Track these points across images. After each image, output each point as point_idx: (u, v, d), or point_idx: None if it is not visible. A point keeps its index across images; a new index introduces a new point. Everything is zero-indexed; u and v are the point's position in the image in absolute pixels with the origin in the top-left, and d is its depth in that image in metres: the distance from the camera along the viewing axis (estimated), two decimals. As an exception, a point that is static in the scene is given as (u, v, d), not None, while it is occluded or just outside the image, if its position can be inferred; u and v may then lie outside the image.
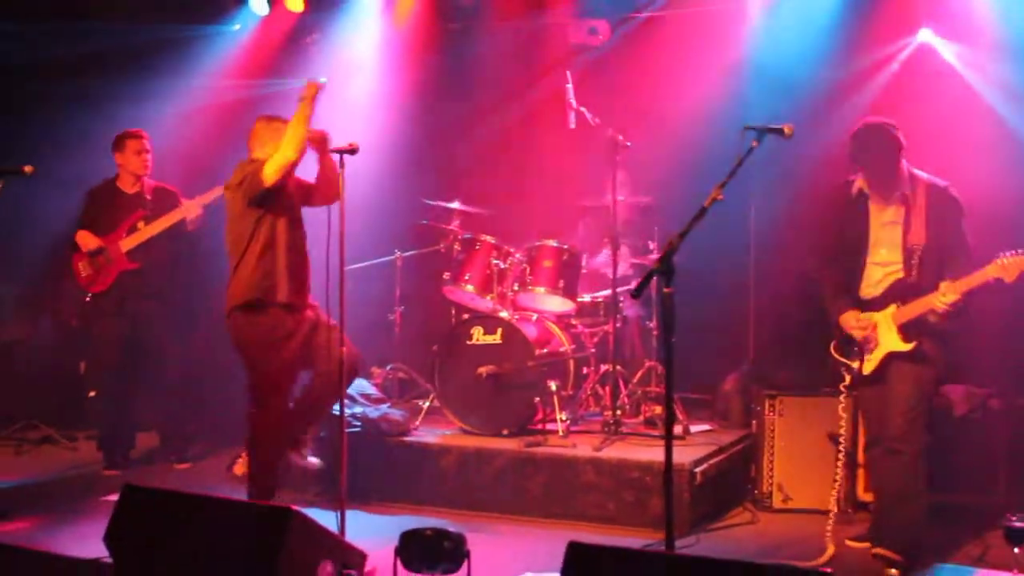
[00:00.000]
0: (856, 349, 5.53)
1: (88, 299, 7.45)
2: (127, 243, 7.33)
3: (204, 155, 7.51)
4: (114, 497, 4.67)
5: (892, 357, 5.41)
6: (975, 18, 7.20)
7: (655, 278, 4.47)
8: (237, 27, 8.96)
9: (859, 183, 5.57)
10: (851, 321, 5.53)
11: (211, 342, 8.10)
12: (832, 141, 6.36)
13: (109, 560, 4.61)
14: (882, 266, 5.51)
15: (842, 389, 5.62)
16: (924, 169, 5.54)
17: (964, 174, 5.84)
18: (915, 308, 5.32)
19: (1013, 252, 5.05)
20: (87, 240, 7.36)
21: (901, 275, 5.43)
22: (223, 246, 6.09)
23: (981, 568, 4.78)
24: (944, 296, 5.21)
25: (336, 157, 5.66)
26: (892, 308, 5.41)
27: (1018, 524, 4.15)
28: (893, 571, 5.20)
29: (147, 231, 7.33)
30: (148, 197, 7.44)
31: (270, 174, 5.86)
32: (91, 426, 7.94)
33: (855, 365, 5.53)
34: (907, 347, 5.36)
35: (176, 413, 7.72)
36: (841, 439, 5.90)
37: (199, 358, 7.96)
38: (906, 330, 5.36)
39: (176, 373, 7.58)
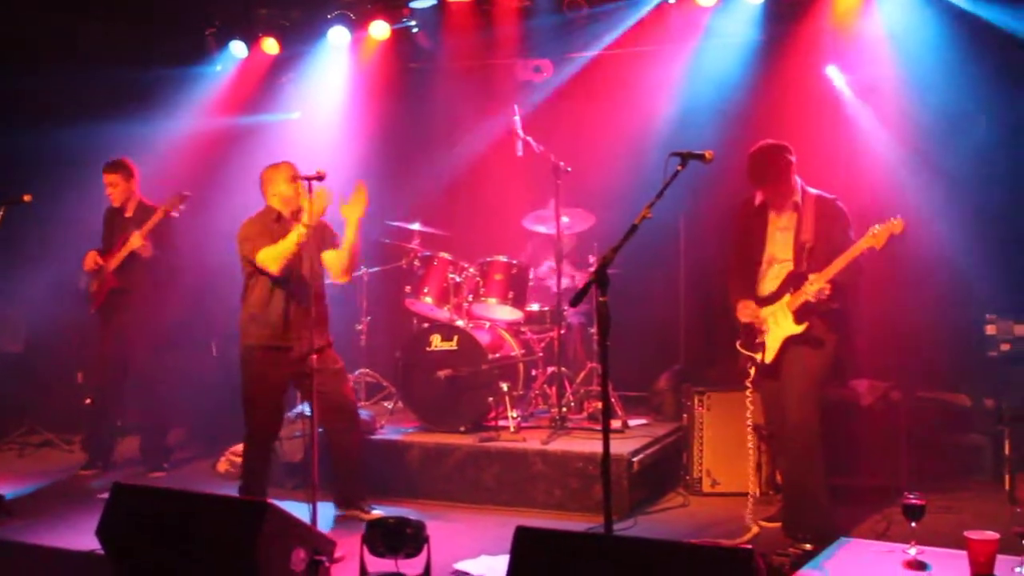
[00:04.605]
0: (758, 342, 5.56)
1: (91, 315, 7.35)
2: (112, 263, 7.19)
3: (189, 185, 7.39)
4: (106, 495, 4.59)
5: (789, 342, 5.45)
6: (874, 55, 7.27)
7: (593, 288, 4.47)
8: (219, 68, 8.88)
9: (760, 196, 5.65)
10: (743, 309, 5.60)
11: (194, 357, 8.06)
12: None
13: (101, 552, 4.54)
14: (778, 263, 5.57)
15: (747, 384, 5.64)
16: (819, 184, 5.65)
17: (859, 187, 5.95)
18: (802, 295, 5.39)
19: (880, 223, 5.16)
20: (87, 260, 7.26)
21: (793, 268, 5.50)
22: (208, 266, 5.97)
23: (883, 541, 4.80)
24: (812, 286, 5.32)
25: (305, 184, 5.56)
26: (787, 297, 5.47)
27: (915, 501, 4.17)
28: (807, 546, 5.20)
29: (122, 252, 7.15)
30: (136, 217, 7.25)
31: (265, 265, 5.73)
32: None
33: (758, 357, 5.56)
34: (800, 328, 5.40)
35: (155, 426, 7.50)
36: (762, 429, 5.93)
37: (184, 372, 7.82)
38: (798, 314, 5.42)
39: (157, 387, 7.39)
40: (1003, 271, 6.71)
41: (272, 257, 5.71)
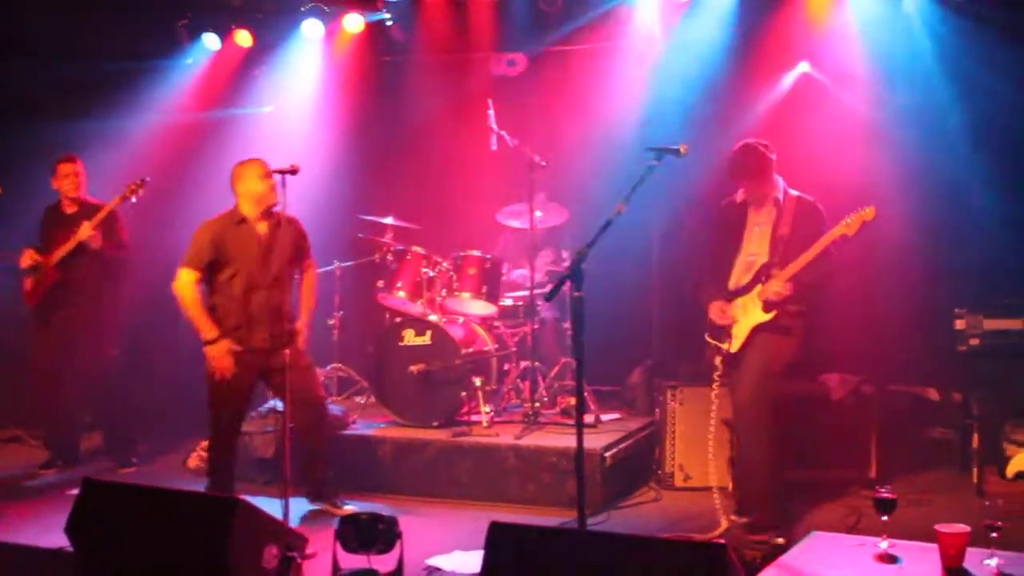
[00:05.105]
0: (726, 332, 5.60)
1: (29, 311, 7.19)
2: (56, 256, 7.01)
3: (159, 181, 7.31)
4: (75, 491, 4.53)
5: (756, 331, 5.48)
6: (846, 52, 7.30)
7: (567, 283, 4.46)
8: (190, 61, 8.80)
9: (741, 194, 5.68)
10: (715, 310, 5.63)
11: (156, 349, 7.97)
12: (724, 159, 6.41)
13: (70, 549, 4.48)
14: (753, 256, 5.60)
15: (715, 377, 5.65)
16: (790, 179, 5.69)
17: (831, 181, 5.98)
18: (773, 282, 5.41)
19: (851, 212, 5.21)
20: (24, 258, 7.09)
21: (767, 260, 5.52)
22: (159, 256, 5.91)
23: (854, 534, 4.82)
24: (771, 285, 5.35)
25: (278, 177, 5.52)
26: (758, 287, 5.50)
27: (886, 495, 4.18)
28: (780, 540, 5.22)
29: (65, 248, 6.97)
30: (80, 213, 7.08)
31: (177, 282, 5.73)
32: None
33: (725, 346, 5.59)
34: (768, 316, 5.43)
35: (118, 419, 7.39)
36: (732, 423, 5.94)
37: (144, 364, 7.74)
38: (768, 303, 5.44)
39: (114, 380, 7.28)
40: (973, 265, 6.76)
41: (184, 283, 5.69)
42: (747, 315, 5.52)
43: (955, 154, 6.90)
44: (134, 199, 6.97)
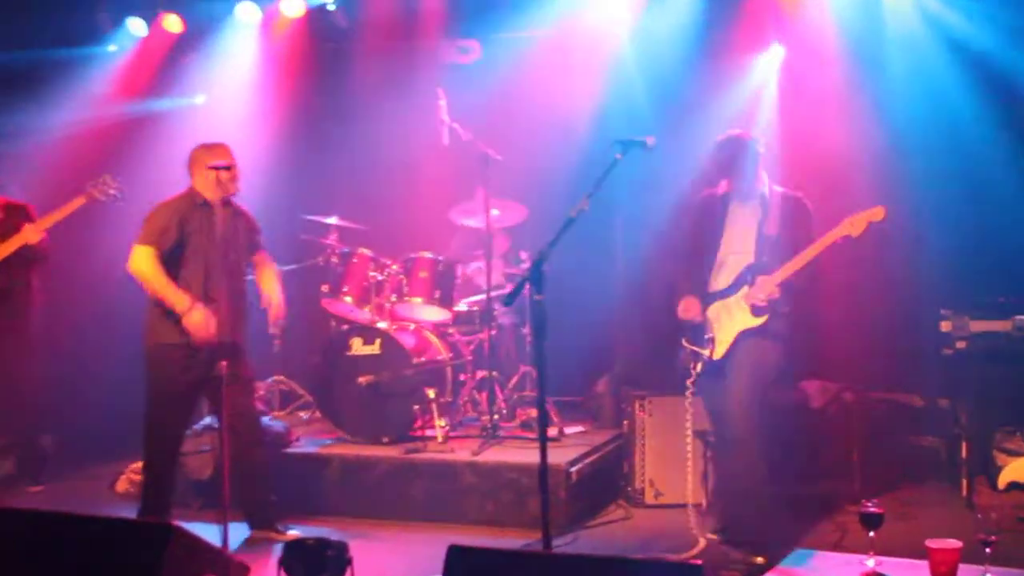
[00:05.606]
0: (708, 337, 5.53)
1: None
2: None
3: (82, 177, 7.19)
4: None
5: (743, 336, 5.44)
6: (820, 32, 7.35)
7: (527, 286, 4.43)
8: (113, 48, 8.68)
9: (723, 187, 5.65)
10: (685, 306, 5.57)
11: (74, 358, 7.85)
12: (694, 152, 6.42)
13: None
14: (735, 256, 5.56)
15: (688, 385, 5.60)
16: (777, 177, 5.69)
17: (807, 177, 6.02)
18: (763, 286, 5.40)
19: (858, 211, 5.23)
20: None
21: (752, 260, 5.50)
22: (83, 263, 5.83)
23: (838, 552, 4.84)
24: (761, 290, 5.34)
25: (213, 173, 5.49)
26: (744, 290, 5.47)
27: (872, 509, 4.19)
28: (759, 559, 5.22)
29: (8, 247, 6.85)
30: (14, 217, 6.99)
31: (132, 258, 5.68)
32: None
33: (706, 352, 5.54)
34: (758, 321, 5.40)
35: (28, 432, 7.28)
36: (708, 436, 5.94)
37: (59, 374, 7.62)
38: (756, 307, 5.42)
39: (29, 391, 7.18)
40: (958, 264, 6.82)
41: (142, 261, 5.64)
42: (732, 319, 5.47)
43: (938, 147, 6.97)
44: (103, 198, 6.81)
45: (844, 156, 7.08)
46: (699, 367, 5.56)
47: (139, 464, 6.40)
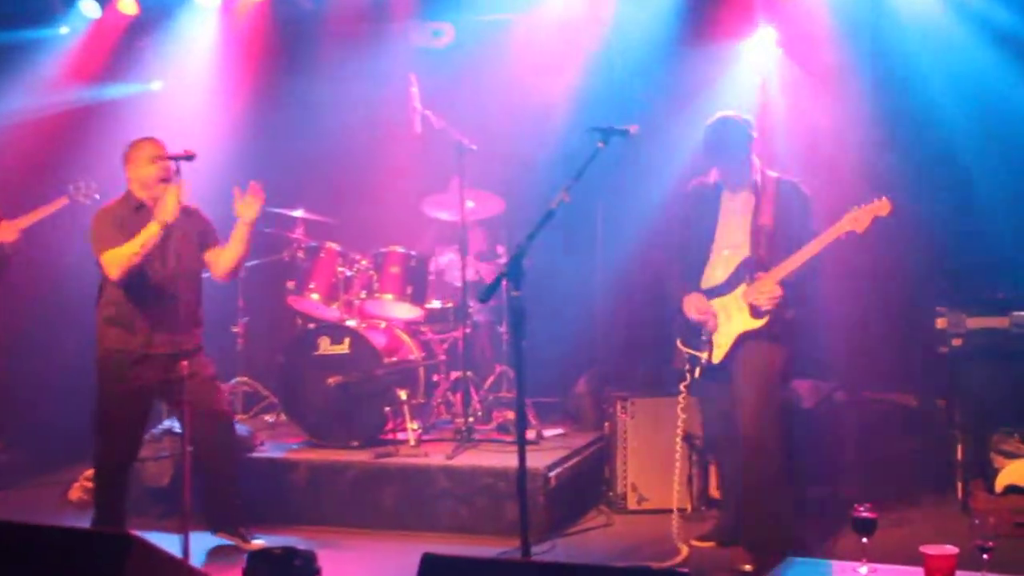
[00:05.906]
0: (705, 339, 5.50)
1: None
2: None
3: (33, 173, 7.16)
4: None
5: (743, 339, 5.39)
6: (807, 15, 7.38)
7: (503, 282, 4.44)
8: (65, 30, 8.62)
9: (714, 174, 5.62)
10: (691, 304, 5.49)
11: (26, 364, 7.82)
12: (676, 140, 6.45)
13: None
14: (730, 249, 5.51)
15: (682, 388, 5.59)
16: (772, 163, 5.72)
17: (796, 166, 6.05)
18: (753, 293, 5.36)
19: (860, 205, 5.20)
20: None
21: (748, 254, 5.45)
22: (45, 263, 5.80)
23: (832, 560, 4.87)
24: (761, 293, 5.31)
25: (173, 164, 5.45)
26: (742, 288, 5.42)
27: (866, 515, 4.22)
28: (747, 567, 5.25)
29: None
30: None
31: (107, 268, 5.61)
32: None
33: (703, 356, 5.51)
34: (759, 323, 5.35)
35: None
36: (695, 439, 5.97)
37: (25, 382, 7.60)
38: (755, 308, 5.37)
39: None
40: (954, 260, 6.87)
41: (115, 260, 5.57)
42: (731, 321, 5.42)
43: (931, 134, 7.01)
44: (88, 202, 6.84)
45: (836, 144, 7.11)
46: (697, 372, 5.53)
47: (92, 471, 6.38)
